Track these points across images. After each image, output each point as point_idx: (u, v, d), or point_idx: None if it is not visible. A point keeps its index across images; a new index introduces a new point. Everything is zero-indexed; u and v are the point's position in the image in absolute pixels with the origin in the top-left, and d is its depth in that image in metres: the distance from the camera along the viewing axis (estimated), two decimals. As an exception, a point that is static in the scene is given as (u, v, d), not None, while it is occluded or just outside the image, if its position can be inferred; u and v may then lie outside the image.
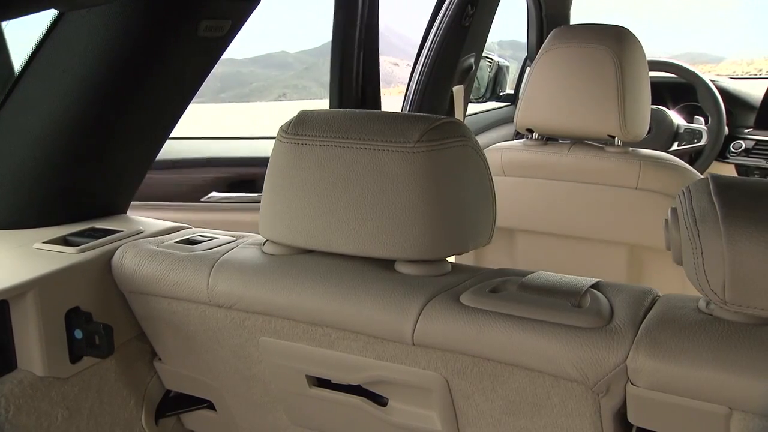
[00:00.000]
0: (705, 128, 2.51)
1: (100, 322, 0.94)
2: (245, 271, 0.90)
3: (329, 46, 1.95)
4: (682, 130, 2.52)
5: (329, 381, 0.94)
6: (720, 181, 0.74)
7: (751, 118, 2.61)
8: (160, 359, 1.08)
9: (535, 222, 1.67)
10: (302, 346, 0.91)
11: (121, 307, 1.02)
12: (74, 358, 0.95)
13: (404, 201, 0.82)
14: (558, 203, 1.63)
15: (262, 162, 1.99)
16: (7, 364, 0.90)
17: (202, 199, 1.93)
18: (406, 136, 0.82)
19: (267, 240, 0.94)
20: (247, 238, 1.01)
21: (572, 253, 1.65)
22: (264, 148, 2.05)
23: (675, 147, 2.50)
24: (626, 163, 1.54)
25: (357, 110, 0.89)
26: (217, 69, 1.25)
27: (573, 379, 0.76)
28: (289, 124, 0.89)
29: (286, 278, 0.88)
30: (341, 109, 0.90)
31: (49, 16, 0.99)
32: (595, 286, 0.82)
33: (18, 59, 1.05)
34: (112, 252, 1.00)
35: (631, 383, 0.74)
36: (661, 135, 2.50)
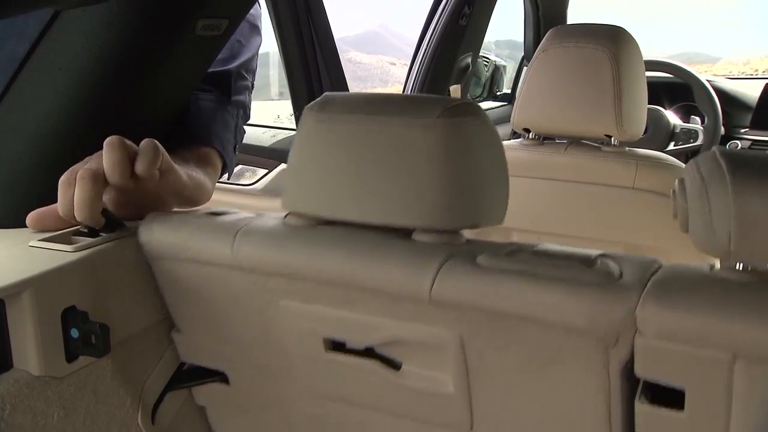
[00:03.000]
0: (701, 128, 2.51)
1: (96, 321, 0.94)
2: (269, 236, 0.95)
3: (326, 45, 1.97)
4: (678, 130, 2.53)
5: (345, 346, 0.97)
6: (725, 150, 0.79)
7: (748, 118, 2.62)
8: (179, 330, 1.10)
9: (532, 221, 1.67)
10: (321, 308, 0.94)
11: (118, 306, 1.02)
12: (70, 357, 0.95)
13: (424, 171, 0.87)
14: (554, 203, 1.63)
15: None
16: (2, 363, 0.90)
17: None
18: (427, 112, 0.87)
19: (288, 214, 0.98)
20: (268, 213, 1.04)
21: (569, 253, 1.65)
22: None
23: (671, 147, 2.51)
24: (623, 162, 1.54)
25: (379, 93, 0.92)
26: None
27: (584, 331, 0.79)
28: (314, 103, 0.93)
29: (308, 242, 0.93)
30: (364, 92, 0.93)
31: (46, 14, 0.99)
32: (603, 255, 0.87)
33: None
34: (109, 251, 1.00)
35: (639, 333, 0.77)
36: (658, 135, 2.51)
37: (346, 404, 1.03)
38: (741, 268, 0.77)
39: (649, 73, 1.63)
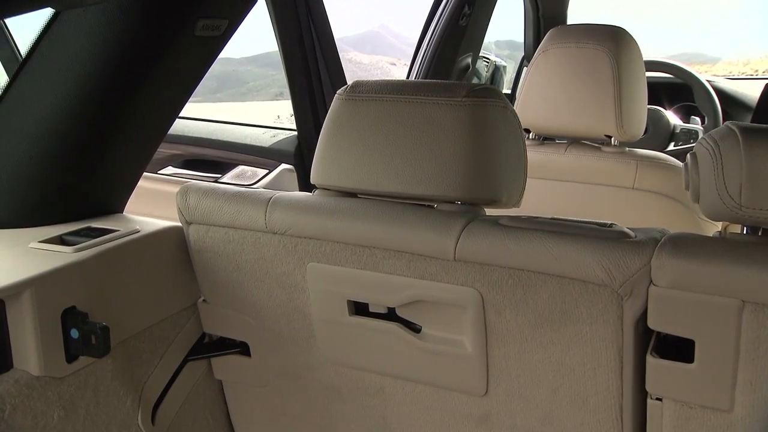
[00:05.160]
0: (701, 128, 2.51)
1: (96, 321, 0.94)
2: (300, 204, 1.01)
3: (326, 46, 1.97)
4: (678, 131, 2.52)
5: (368, 310, 1.01)
6: (735, 122, 0.84)
7: (747, 119, 2.62)
8: (204, 300, 1.15)
9: (532, 222, 1.67)
10: (348, 270, 0.99)
11: (118, 307, 1.02)
12: (70, 358, 0.95)
13: (449, 146, 0.93)
14: (555, 203, 1.63)
15: (218, 144, 2.07)
16: (2, 364, 0.90)
17: (158, 172, 2.11)
18: (453, 92, 0.93)
19: (317, 189, 1.04)
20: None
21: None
22: (224, 132, 2.14)
23: (671, 147, 2.50)
24: (623, 163, 1.54)
25: (404, 80, 0.99)
26: (214, 68, 1.25)
27: (600, 282, 0.84)
28: (345, 87, 1.00)
29: (337, 208, 0.98)
30: (390, 79, 0.97)
31: (45, 14, 0.99)
32: (615, 224, 0.92)
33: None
34: (109, 252, 1.00)
35: (653, 284, 0.82)
36: (658, 135, 2.51)
37: (364, 372, 1.07)
38: (747, 233, 0.83)
39: (649, 74, 1.63)
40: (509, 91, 3.08)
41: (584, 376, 0.90)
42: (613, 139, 1.55)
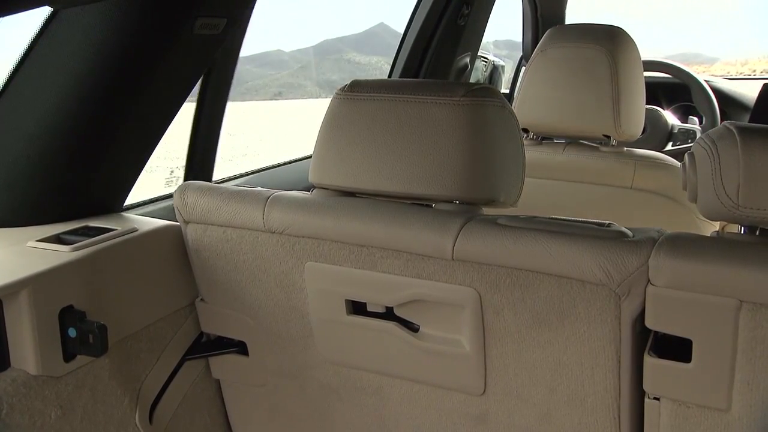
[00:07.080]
0: (699, 128, 2.51)
1: (93, 320, 0.94)
2: (298, 203, 1.01)
3: (325, 45, 1.95)
4: (676, 130, 2.53)
5: (365, 310, 1.02)
6: (733, 122, 0.84)
7: (745, 119, 2.62)
8: (202, 300, 1.15)
9: (530, 221, 1.67)
10: (346, 269, 0.99)
11: (115, 305, 1.02)
12: (68, 357, 0.95)
13: (448, 146, 0.93)
14: (553, 203, 1.63)
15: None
16: (0, 363, 0.90)
17: None
18: (452, 92, 0.93)
19: (314, 188, 1.04)
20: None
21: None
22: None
23: (669, 147, 2.50)
24: (621, 162, 1.54)
25: (403, 79, 0.94)
26: (212, 67, 1.24)
27: (598, 282, 0.84)
28: (344, 86, 1.00)
29: (336, 208, 0.98)
30: (388, 78, 0.96)
31: (43, 13, 0.99)
32: (613, 224, 0.92)
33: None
34: (107, 251, 1.00)
35: (651, 283, 0.82)
36: (656, 135, 2.51)
37: (362, 371, 1.07)
38: (745, 233, 0.84)
39: (647, 73, 1.63)
40: (507, 91, 3.08)
41: (582, 376, 0.90)
42: (611, 138, 1.55)
